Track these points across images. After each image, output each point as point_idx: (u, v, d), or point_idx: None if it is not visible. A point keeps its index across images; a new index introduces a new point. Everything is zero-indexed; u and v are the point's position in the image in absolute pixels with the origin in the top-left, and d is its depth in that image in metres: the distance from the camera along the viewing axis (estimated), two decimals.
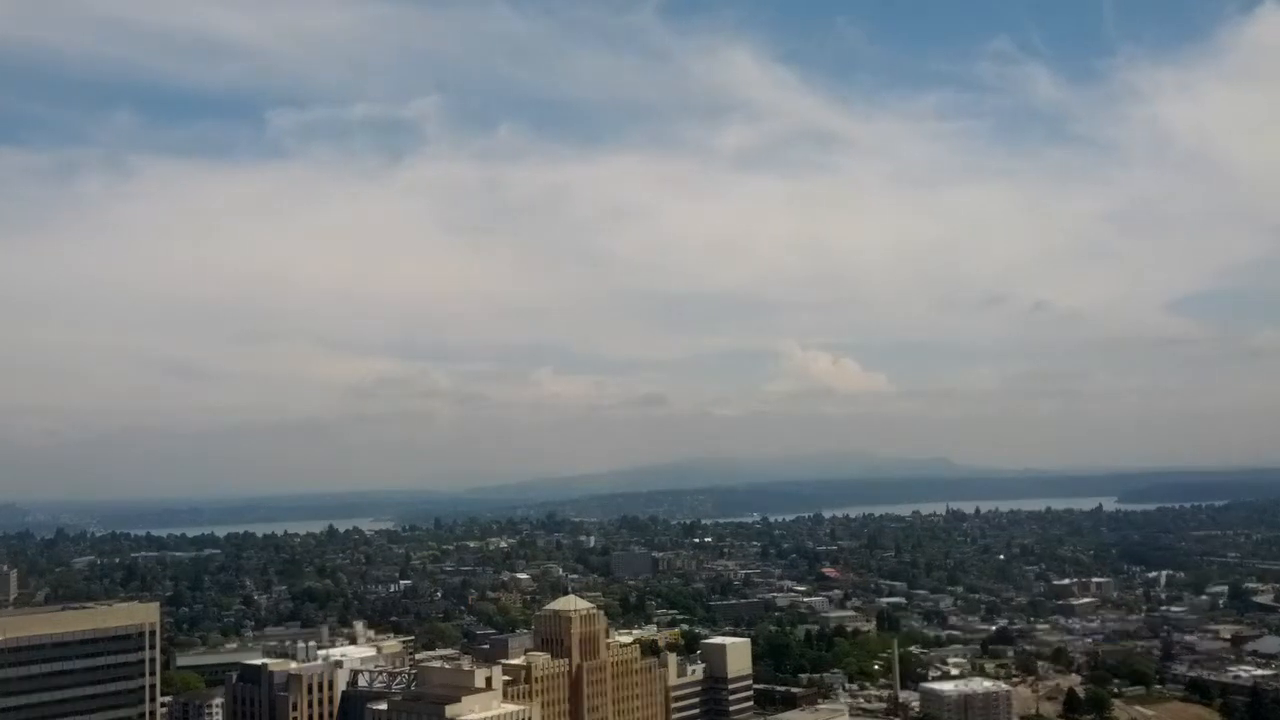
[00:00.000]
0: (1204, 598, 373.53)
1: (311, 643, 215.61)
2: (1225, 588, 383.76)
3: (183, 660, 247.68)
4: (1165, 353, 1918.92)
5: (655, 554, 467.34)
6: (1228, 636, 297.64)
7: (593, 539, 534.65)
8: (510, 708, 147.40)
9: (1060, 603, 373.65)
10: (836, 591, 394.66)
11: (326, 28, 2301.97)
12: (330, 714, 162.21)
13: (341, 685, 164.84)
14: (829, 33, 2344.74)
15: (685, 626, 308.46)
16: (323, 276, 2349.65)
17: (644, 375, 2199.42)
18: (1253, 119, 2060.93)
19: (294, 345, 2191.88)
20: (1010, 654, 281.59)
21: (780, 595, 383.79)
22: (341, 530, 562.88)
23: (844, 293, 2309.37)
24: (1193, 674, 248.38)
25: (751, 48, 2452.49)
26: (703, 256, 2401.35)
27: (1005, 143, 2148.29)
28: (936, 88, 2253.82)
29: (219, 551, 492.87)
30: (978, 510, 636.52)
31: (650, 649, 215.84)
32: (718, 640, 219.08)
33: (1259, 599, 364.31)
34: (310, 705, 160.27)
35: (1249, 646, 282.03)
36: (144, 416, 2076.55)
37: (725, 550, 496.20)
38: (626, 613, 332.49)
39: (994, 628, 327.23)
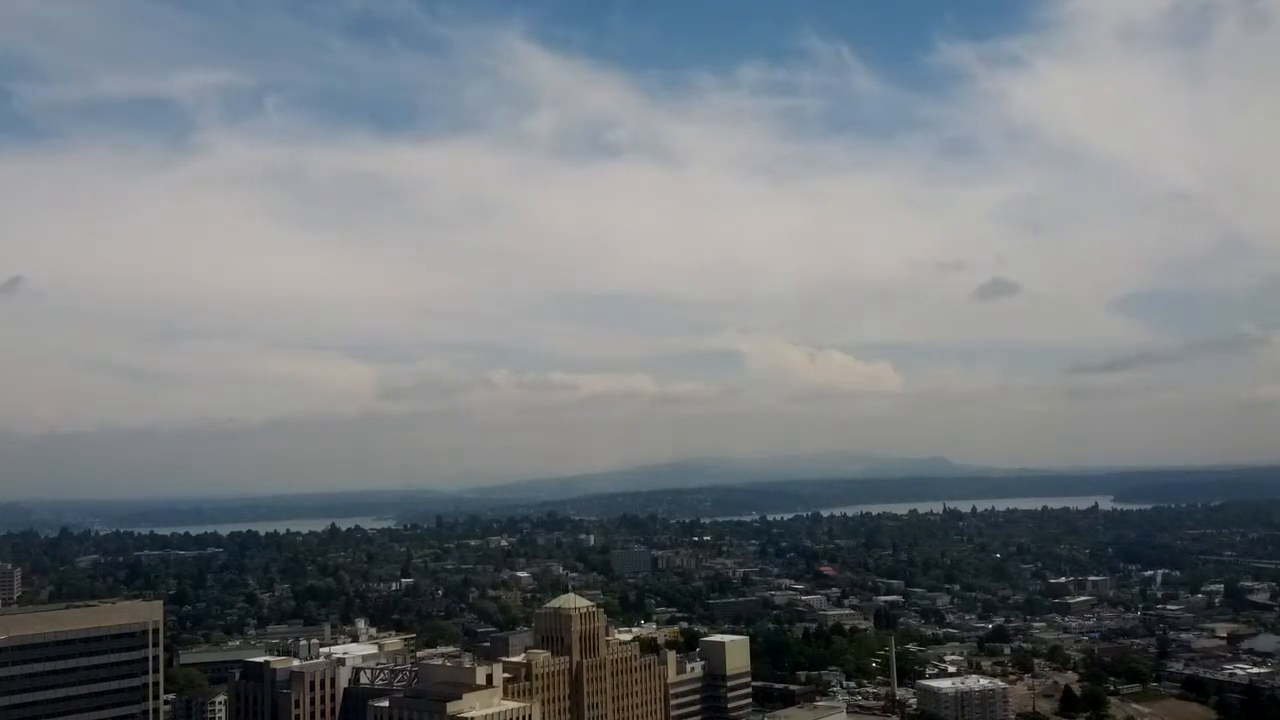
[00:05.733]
0: (1199, 596, 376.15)
1: (314, 640, 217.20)
2: (1221, 586, 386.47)
3: (186, 658, 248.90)
4: (1125, 353, 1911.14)
5: (655, 552, 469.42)
6: (1223, 634, 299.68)
7: (592, 537, 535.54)
8: (511, 705, 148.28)
9: (1056, 601, 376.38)
10: (834, 590, 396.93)
11: (70, 15, 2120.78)
12: (332, 711, 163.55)
13: (344, 682, 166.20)
14: (609, 20, 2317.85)
15: (684, 624, 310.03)
16: (193, 273, 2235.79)
17: (607, 375, 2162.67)
18: (1108, 99, 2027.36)
19: (208, 344, 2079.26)
20: (1007, 651, 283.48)
21: (778, 593, 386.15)
22: (343, 529, 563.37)
23: (774, 289, 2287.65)
24: (1188, 672, 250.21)
25: (528, 34, 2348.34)
26: (596, 254, 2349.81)
27: (843, 133, 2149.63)
28: (746, 75, 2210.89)
29: (222, 550, 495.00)
30: (974, 509, 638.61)
31: (649, 647, 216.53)
32: (716, 638, 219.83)
33: (1254, 597, 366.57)
34: (312, 702, 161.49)
35: (1244, 644, 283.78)
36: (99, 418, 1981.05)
37: (724, 549, 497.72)
38: (626, 610, 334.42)
39: (991, 626, 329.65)
